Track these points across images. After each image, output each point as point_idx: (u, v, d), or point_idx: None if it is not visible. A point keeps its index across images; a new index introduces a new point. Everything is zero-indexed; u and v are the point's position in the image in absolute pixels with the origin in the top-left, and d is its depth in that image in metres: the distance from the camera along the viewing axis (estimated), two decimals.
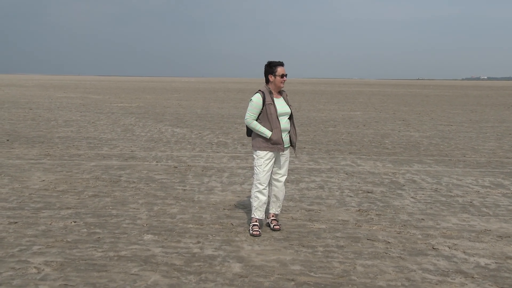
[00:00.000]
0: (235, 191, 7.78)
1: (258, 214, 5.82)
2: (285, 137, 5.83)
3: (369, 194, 7.76)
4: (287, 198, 7.40)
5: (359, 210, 6.82)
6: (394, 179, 8.90)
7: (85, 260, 4.82)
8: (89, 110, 23.91)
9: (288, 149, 5.98)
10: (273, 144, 5.70)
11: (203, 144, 13.04)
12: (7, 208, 6.57)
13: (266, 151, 5.73)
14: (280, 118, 5.72)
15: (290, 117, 5.88)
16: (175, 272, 4.58)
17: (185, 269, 4.67)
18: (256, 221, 5.84)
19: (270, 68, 5.79)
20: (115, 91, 48.56)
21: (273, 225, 5.94)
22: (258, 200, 5.80)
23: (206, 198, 7.32)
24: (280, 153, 5.84)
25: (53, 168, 9.37)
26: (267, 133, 5.67)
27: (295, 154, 6.80)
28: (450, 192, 7.99)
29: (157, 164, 9.96)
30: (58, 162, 10.01)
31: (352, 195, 7.68)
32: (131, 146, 12.31)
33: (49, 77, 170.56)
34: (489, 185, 8.55)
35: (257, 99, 5.72)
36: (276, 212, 6.11)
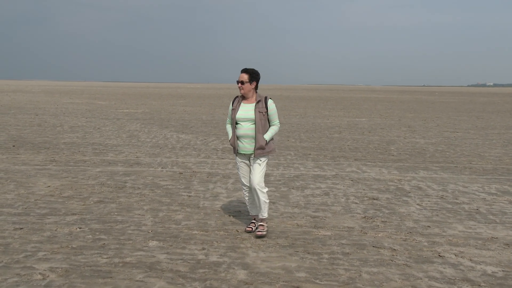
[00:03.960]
0: (240, 198, 7.77)
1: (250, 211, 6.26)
2: (247, 143, 5.89)
3: (375, 201, 7.73)
4: (292, 204, 7.39)
5: (364, 217, 6.80)
6: (400, 186, 8.86)
7: (90, 267, 4.81)
8: (95, 116, 23.98)
9: (258, 155, 5.88)
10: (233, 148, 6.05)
11: (208, 150, 13.04)
12: (13, 214, 6.58)
13: (235, 154, 6.05)
14: (240, 124, 5.87)
15: (260, 123, 5.80)
16: (180, 279, 4.57)
17: (190, 275, 4.66)
18: (253, 218, 6.26)
19: None
20: (121, 97, 48.71)
21: (255, 229, 6.08)
22: (246, 199, 6.23)
23: (211, 205, 7.31)
24: (251, 158, 5.97)
25: (58, 174, 9.39)
26: (229, 137, 6.05)
27: (255, 159, 5.95)
28: (456, 199, 7.95)
29: (162, 170, 9.97)
30: (64, 168, 10.04)
31: (358, 202, 7.65)
32: (136, 152, 12.32)
33: (55, 83, 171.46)
34: (495, 192, 8.50)
35: (230, 104, 6.05)
36: (258, 215, 6.12)
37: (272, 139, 6.00)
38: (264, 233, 5.92)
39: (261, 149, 5.86)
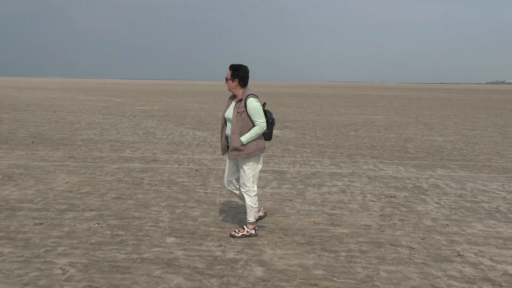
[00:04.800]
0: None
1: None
2: (229, 143, 5.69)
3: (392, 199, 7.68)
4: (309, 202, 7.37)
5: (382, 215, 6.76)
6: (417, 184, 8.79)
7: (109, 262, 4.85)
8: (111, 113, 24.17)
9: (233, 156, 5.64)
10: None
11: None
12: (33, 209, 6.66)
13: (222, 154, 5.99)
14: (227, 123, 5.78)
15: (237, 124, 5.57)
16: (198, 275, 4.59)
17: (207, 272, 4.67)
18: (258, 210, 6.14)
19: None
20: (137, 94, 49.03)
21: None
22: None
23: (227, 202, 7.32)
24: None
25: (76, 170, 9.48)
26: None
27: (240, 162, 5.76)
28: (475, 197, 7.86)
29: (178, 167, 10.01)
30: (82, 164, 10.13)
31: (375, 200, 7.61)
32: (152, 149, 12.39)
33: (71, 80, 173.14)
34: None
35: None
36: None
37: (254, 140, 5.58)
38: (238, 235, 5.68)
39: (235, 151, 5.57)
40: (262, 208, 6.15)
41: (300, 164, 10.63)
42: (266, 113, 5.71)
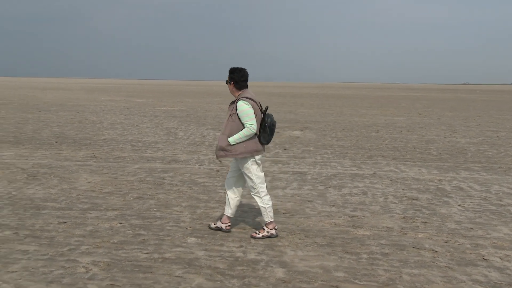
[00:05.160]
0: (277, 196, 7.76)
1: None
2: None
3: (414, 201, 7.59)
4: (330, 203, 7.34)
5: (404, 217, 6.69)
6: (440, 186, 8.68)
7: (131, 261, 4.89)
8: (133, 113, 24.39)
9: (219, 157, 5.73)
10: None
11: None
12: (57, 208, 6.75)
13: None
14: None
15: (228, 125, 5.67)
16: (219, 276, 4.60)
17: (228, 272, 4.68)
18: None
19: None
20: (158, 95, 49.39)
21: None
22: None
23: (248, 202, 7.32)
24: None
25: (99, 170, 9.59)
26: None
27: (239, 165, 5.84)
28: (500, 200, 7.73)
29: (199, 168, 10.05)
30: (104, 164, 10.24)
31: (397, 202, 7.54)
32: (174, 149, 12.47)
33: (93, 81, 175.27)
34: None
35: None
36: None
37: (242, 141, 5.59)
38: (259, 236, 5.71)
39: (222, 150, 5.63)
40: (228, 222, 5.99)
41: (320, 165, 10.59)
42: (265, 117, 5.69)
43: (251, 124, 5.55)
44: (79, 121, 19.71)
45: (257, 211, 6.83)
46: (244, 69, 5.78)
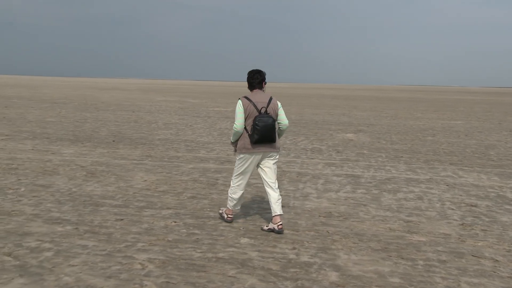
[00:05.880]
0: (330, 199, 7.69)
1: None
2: None
3: (473, 208, 7.34)
4: (384, 208, 7.20)
5: (462, 224, 6.47)
6: (501, 193, 8.35)
7: (185, 260, 4.97)
8: (187, 113, 24.79)
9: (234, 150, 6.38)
10: None
11: (297, 150, 13.04)
12: (114, 206, 6.95)
13: None
14: None
15: None
16: (272, 277, 4.60)
17: (281, 274, 4.67)
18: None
19: None
20: (211, 95, 50.02)
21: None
22: None
23: (301, 204, 7.30)
24: None
25: (154, 169, 9.80)
26: None
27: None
28: None
29: None
30: (159, 163, 10.46)
31: (454, 208, 7.31)
32: (227, 150, 12.58)
33: (148, 81, 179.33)
34: None
35: None
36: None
37: (235, 138, 6.11)
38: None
39: (232, 145, 6.30)
40: (279, 221, 5.96)
41: (374, 169, 10.41)
42: (256, 117, 5.87)
43: (235, 123, 5.99)
44: (135, 120, 20.22)
45: (310, 214, 6.79)
46: (256, 71, 6.14)
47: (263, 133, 5.85)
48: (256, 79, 6.10)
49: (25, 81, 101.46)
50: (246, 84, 6.29)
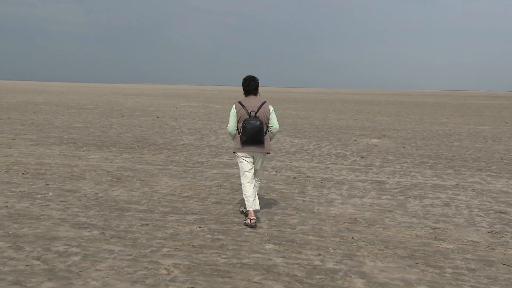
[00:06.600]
0: (355, 205, 7.62)
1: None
2: None
3: (502, 215, 7.19)
4: (410, 214, 7.11)
5: (491, 232, 6.35)
6: None
7: (210, 265, 4.98)
8: (211, 119, 24.91)
9: None
10: None
11: (321, 155, 12.98)
12: (139, 211, 7.01)
13: None
14: None
15: None
16: (297, 284, 4.57)
17: (306, 281, 4.64)
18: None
19: None
20: (234, 101, 50.05)
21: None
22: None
23: (326, 210, 7.25)
24: None
25: (178, 174, 9.86)
26: None
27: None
28: None
29: (276, 174, 10.08)
30: (183, 168, 10.52)
31: (483, 215, 7.18)
32: None
33: (172, 87, 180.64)
34: None
35: None
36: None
37: (232, 139, 6.80)
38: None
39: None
40: (253, 213, 6.43)
41: (400, 175, 10.30)
42: (245, 120, 6.38)
43: (228, 125, 6.60)
44: (159, 126, 20.40)
45: (335, 220, 6.74)
46: (250, 79, 6.65)
47: (250, 135, 6.37)
48: (251, 86, 6.65)
49: (52, 87, 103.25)
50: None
